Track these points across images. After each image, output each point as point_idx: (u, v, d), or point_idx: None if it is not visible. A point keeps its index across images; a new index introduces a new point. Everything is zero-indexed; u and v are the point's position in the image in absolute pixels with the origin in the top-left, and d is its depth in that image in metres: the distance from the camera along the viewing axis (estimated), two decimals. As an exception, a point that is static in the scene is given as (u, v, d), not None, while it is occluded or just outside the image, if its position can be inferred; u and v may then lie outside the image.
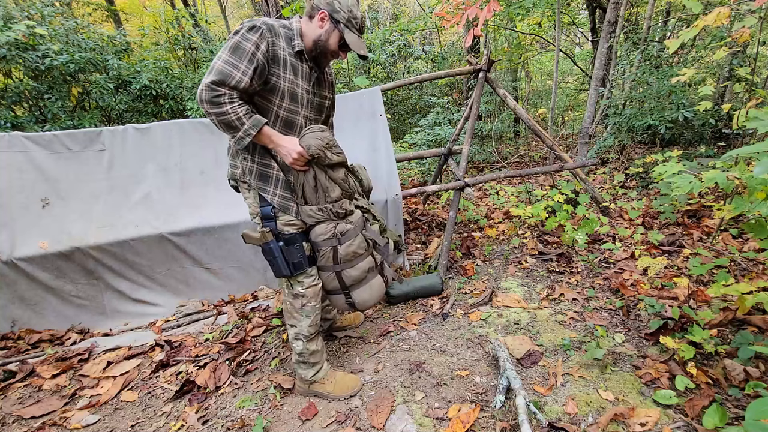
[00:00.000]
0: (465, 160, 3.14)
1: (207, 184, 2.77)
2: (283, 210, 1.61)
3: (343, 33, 1.52)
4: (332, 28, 1.52)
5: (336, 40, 1.54)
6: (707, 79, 4.01)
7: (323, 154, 1.54)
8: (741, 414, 1.43)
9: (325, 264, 1.70)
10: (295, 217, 1.63)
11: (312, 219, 1.63)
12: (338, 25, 1.52)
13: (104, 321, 2.63)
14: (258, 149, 1.58)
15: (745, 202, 1.67)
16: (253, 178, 1.60)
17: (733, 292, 1.77)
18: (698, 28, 1.99)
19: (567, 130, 7.74)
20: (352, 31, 1.54)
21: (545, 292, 2.48)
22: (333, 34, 1.53)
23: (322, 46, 1.54)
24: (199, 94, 1.37)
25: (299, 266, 1.63)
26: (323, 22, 1.52)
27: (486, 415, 1.58)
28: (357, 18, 1.54)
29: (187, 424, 1.73)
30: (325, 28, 1.52)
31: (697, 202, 3.41)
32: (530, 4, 5.53)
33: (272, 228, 1.60)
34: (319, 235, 1.64)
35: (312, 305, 1.70)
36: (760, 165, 1.00)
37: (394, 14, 12.30)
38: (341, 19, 1.51)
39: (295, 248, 1.61)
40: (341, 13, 1.51)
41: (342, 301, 1.80)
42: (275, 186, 1.60)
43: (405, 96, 6.79)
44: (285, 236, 1.61)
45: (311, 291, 1.69)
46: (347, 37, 1.52)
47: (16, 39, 3.97)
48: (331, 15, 1.51)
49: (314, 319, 1.72)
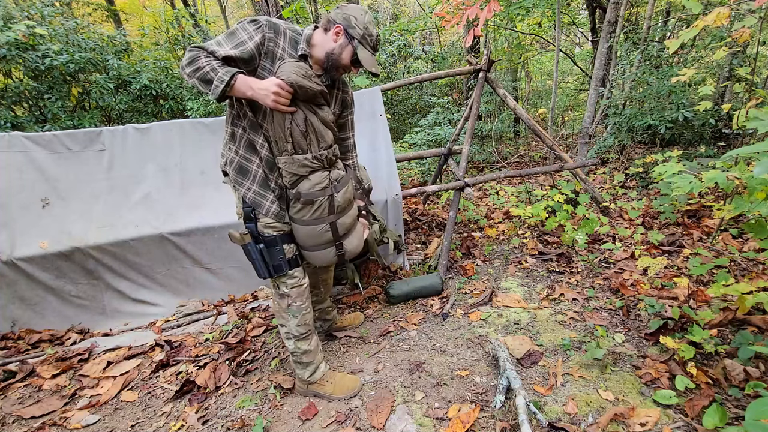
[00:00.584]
0: (465, 160, 3.14)
1: (207, 184, 2.77)
2: (255, 206, 1.58)
3: (357, 49, 1.52)
4: (346, 43, 1.52)
5: (349, 56, 1.54)
6: (707, 79, 4.00)
7: (306, 83, 1.45)
8: (741, 414, 1.43)
9: (319, 215, 1.60)
10: (273, 218, 1.59)
11: (306, 169, 1.53)
12: (352, 40, 1.52)
13: (104, 321, 2.63)
14: (243, 142, 1.57)
15: (745, 202, 1.67)
16: (232, 169, 1.60)
17: (733, 292, 1.77)
18: (698, 28, 1.99)
19: (567, 130, 7.74)
20: (366, 48, 1.54)
21: (545, 292, 2.48)
22: (346, 49, 1.53)
23: (334, 59, 1.54)
24: (181, 63, 1.38)
25: (279, 269, 1.62)
26: (338, 36, 1.52)
27: (486, 415, 1.58)
28: (372, 36, 1.55)
29: (187, 424, 1.73)
30: (339, 42, 1.52)
31: (697, 202, 3.41)
32: (530, 4, 5.53)
33: (252, 230, 1.60)
34: (315, 185, 1.55)
35: (298, 305, 1.69)
36: (760, 165, 1.00)
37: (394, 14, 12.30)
38: (356, 35, 1.51)
39: (276, 251, 1.60)
40: (357, 29, 1.51)
41: (332, 254, 1.71)
42: (252, 181, 1.58)
43: (405, 96, 6.79)
44: (265, 238, 1.60)
45: (296, 291, 1.68)
46: (360, 54, 1.52)
47: (16, 39, 3.97)
48: (347, 30, 1.51)
49: (302, 319, 1.72)
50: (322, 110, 1.56)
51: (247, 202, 1.59)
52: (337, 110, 1.72)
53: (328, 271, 2.13)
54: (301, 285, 1.70)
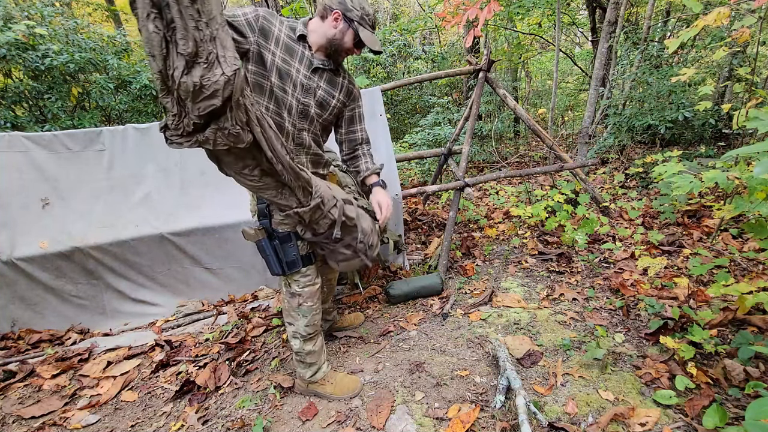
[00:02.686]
0: (465, 160, 3.14)
1: (207, 184, 2.77)
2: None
3: (358, 31, 1.53)
4: (346, 27, 1.53)
5: (351, 39, 1.55)
6: (707, 79, 4.00)
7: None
8: (741, 414, 1.43)
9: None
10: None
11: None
12: (352, 23, 1.53)
13: (104, 321, 2.63)
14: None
15: (745, 202, 1.67)
16: None
17: (733, 292, 1.77)
18: (698, 28, 1.99)
19: (567, 130, 7.75)
20: (366, 28, 1.55)
21: (545, 292, 2.48)
22: (348, 33, 1.54)
23: (337, 44, 1.55)
24: None
25: (293, 265, 1.62)
26: (337, 22, 1.52)
27: (486, 415, 1.58)
28: (369, 15, 1.55)
29: (187, 424, 1.73)
30: (339, 28, 1.53)
31: (697, 202, 3.41)
32: (530, 3, 5.53)
33: (266, 226, 1.60)
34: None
35: (308, 305, 1.69)
36: (760, 165, 1.00)
37: (394, 14, 12.30)
38: (355, 18, 1.52)
39: (290, 246, 1.60)
40: (354, 11, 1.52)
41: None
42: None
43: (405, 96, 6.79)
44: (279, 234, 1.59)
45: (308, 291, 1.67)
46: (362, 35, 1.53)
47: (16, 39, 3.96)
48: (345, 14, 1.52)
49: (311, 320, 1.71)
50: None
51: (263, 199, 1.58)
52: (343, 98, 1.71)
53: (333, 270, 2.11)
54: (313, 285, 1.69)
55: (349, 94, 1.74)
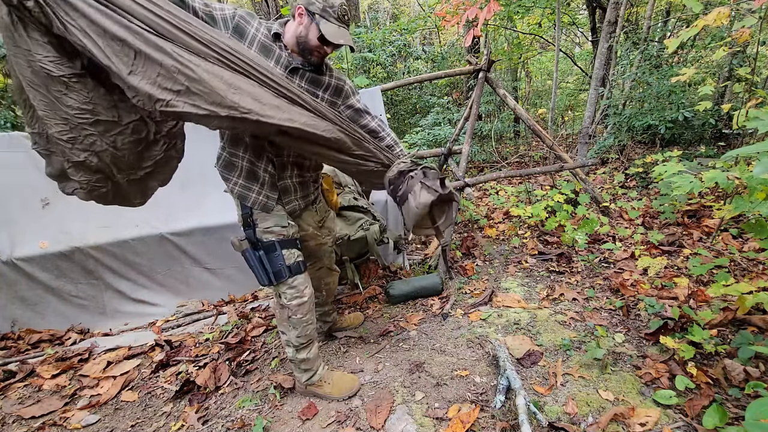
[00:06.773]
0: (465, 160, 3.14)
1: (207, 184, 2.76)
2: (242, 198, 1.57)
3: (319, 24, 1.41)
4: (310, 22, 1.43)
5: (315, 34, 1.43)
6: (707, 79, 4.00)
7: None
8: (741, 414, 1.43)
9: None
10: (265, 213, 1.57)
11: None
12: (314, 17, 1.42)
13: (104, 321, 2.63)
14: (229, 137, 1.55)
15: (745, 202, 1.67)
16: (220, 165, 1.60)
17: (733, 292, 1.77)
18: (698, 28, 1.99)
19: (567, 130, 7.74)
20: (329, 21, 1.42)
21: (545, 292, 2.47)
22: (311, 28, 1.43)
23: (302, 42, 1.46)
24: None
25: (279, 275, 1.58)
26: (302, 18, 1.44)
27: (486, 415, 1.58)
28: (334, 6, 1.43)
29: (187, 424, 1.73)
30: (303, 23, 1.44)
31: (697, 202, 3.41)
32: (530, 3, 5.53)
33: (250, 236, 1.58)
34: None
35: (298, 318, 1.65)
36: (760, 165, 1.00)
37: (394, 14, 12.29)
38: (316, 10, 1.41)
39: (275, 257, 1.57)
40: (316, 4, 1.41)
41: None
42: (238, 175, 1.57)
43: (405, 96, 6.78)
44: (264, 244, 1.57)
45: (296, 303, 1.63)
46: (323, 28, 1.41)
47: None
48: (307, 8, 1.42)
49: (302, 331, 1.68)
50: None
51: (246, 206, 1.57)
52: (330, 96, 1.64)
53: (332, 274, 2.10)
54: (301, 297, 1.64)
55: (339, 92, 1.66)
